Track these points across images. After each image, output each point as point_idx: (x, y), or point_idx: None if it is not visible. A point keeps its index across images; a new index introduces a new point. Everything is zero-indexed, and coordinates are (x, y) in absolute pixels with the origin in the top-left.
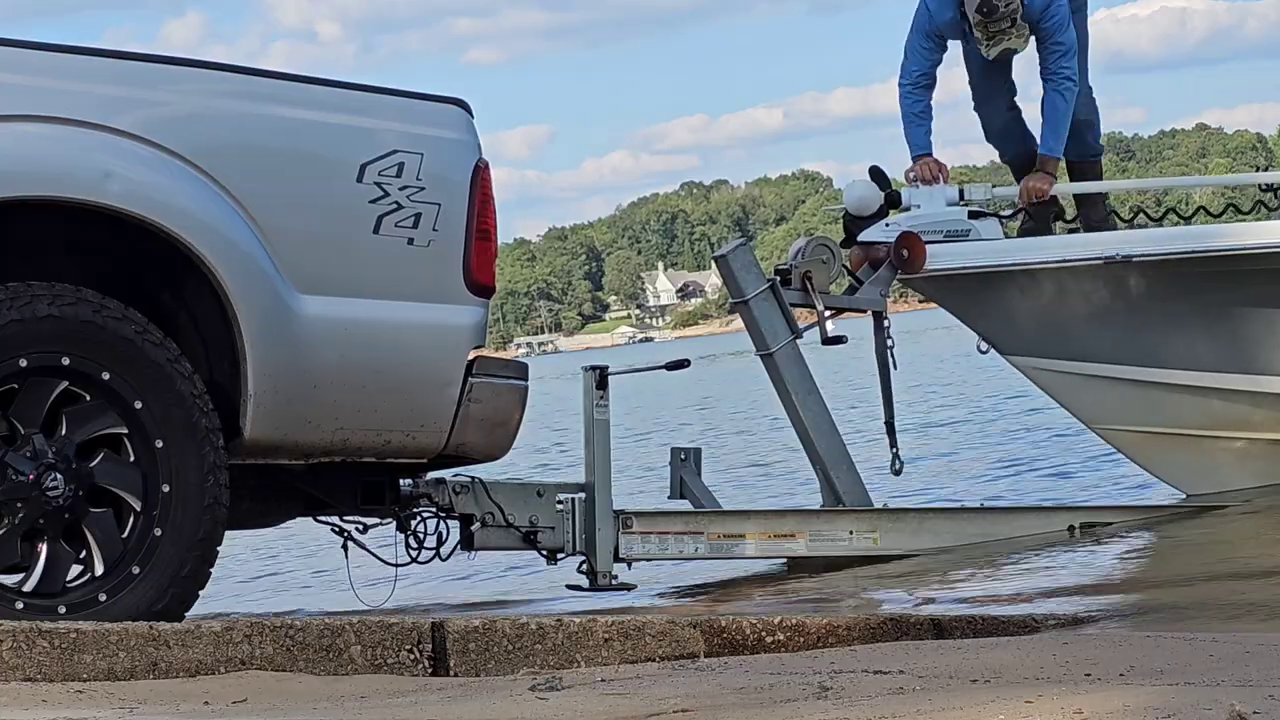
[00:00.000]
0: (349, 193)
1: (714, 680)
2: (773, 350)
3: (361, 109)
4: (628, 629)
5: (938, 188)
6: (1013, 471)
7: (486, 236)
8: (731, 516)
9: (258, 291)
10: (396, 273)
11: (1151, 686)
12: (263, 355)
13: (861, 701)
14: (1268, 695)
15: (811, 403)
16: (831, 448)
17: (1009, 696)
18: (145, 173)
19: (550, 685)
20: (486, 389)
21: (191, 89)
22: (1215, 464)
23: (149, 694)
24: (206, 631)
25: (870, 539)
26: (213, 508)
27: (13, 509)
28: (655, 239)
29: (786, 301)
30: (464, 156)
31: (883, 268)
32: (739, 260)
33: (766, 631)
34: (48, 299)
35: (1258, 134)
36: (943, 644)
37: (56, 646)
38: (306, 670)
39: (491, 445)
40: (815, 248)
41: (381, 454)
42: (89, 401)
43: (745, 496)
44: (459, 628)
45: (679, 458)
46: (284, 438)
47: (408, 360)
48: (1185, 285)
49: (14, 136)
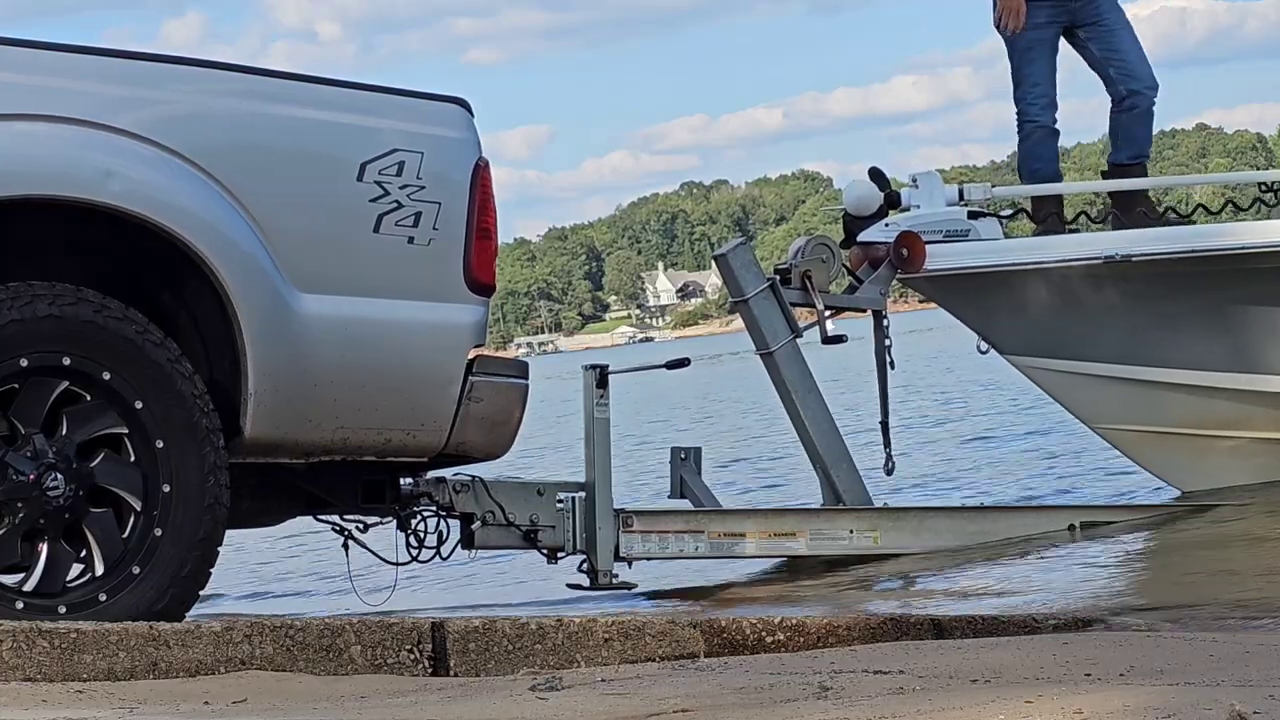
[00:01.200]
0: (349, 192)
1: (714, 680)
2: (773, 349)
3: (362, 108)
4: (628, 629)
5: (938, 189)
6: (1012, 470)
7: (487, 235)
8: (732, 515)
9: (258, 290)
10: (397, 271)
11: (1151, 686)
12: (263, 354)
13: (861, 701)
14: (1268, 695)
15: (811, 402)
16: (831, 447)
17: (1009, 696)
18: (146, 172)
19: (550, 685)
20: (487, 388)
21: (191, 88)
22: (1213, 463)
23: (149, 694)
24: (206, 631)
25: (870, 538)
26: (213, 508)
27: (13, 509)
28: (655, 239)
29: (786, 301)
30: (464, 155)
31: (882, 267)
32: (739, 259)
33: (766, 631)
34: (48, 299)
35: (1258, 134)
36: (943, 644)
37: (56, 646)
38: (306, 670)
39: (492, 444)
40: (815, 247)
41: (382, 453)
42: (89, 401)
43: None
44: (459, 628)
45: (679, 457)
46: (284, 436)
47: (408, 359)
48: (1184, 285)
49: (14, 135)
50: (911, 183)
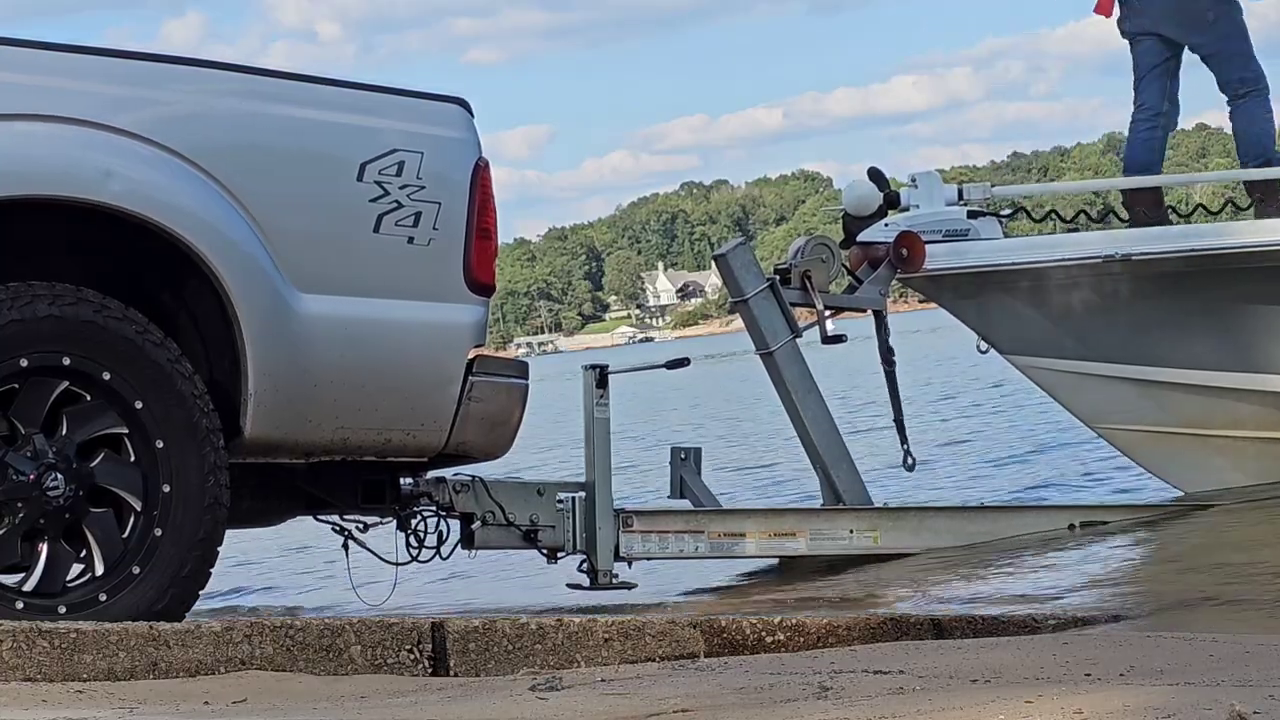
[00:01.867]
0: (349, 192)
1: (714, 680)
2: (772, 349)
3: (362, 108)
4: (628, 629)
5: (937, 189)
6: (1012, 469)
7: (487, 235)
8: (732, 515)
9: (258, 290)
10: (397, 271)
11: (1151, 686)
12: (263, 354)
13: (861, 701)
14: (1268, 695)
15: (811, 401)
16: (831, 446)
17: (1009, 696)
18: (145, 172)
19: (550, 685)
20: (487, 388)
21: (192, 88)
22: (1213, 462)
23: (149, 694)
24: (206, 631)
25: (870, 537)
26: (213, 508)
27: (13, 509)
28: (655, 239)
29: (786, 300)
30: (464, 155)
31: (882, 267)
32: (739, 259)
33: (766, 631)
34: (48, 299)
35: None
36: (943, 644)
37: (56, 646)
38: (306, 670)
39: (492, 444)
40: (815, 247)
41: (382, 453)
42: (89, 401)
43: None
44: (459, 628)
45: (679, 457)
46: (284, 436)
47: (408, 359)
48: (1184, 284)
49: (14, 135)
50: (911, 183)
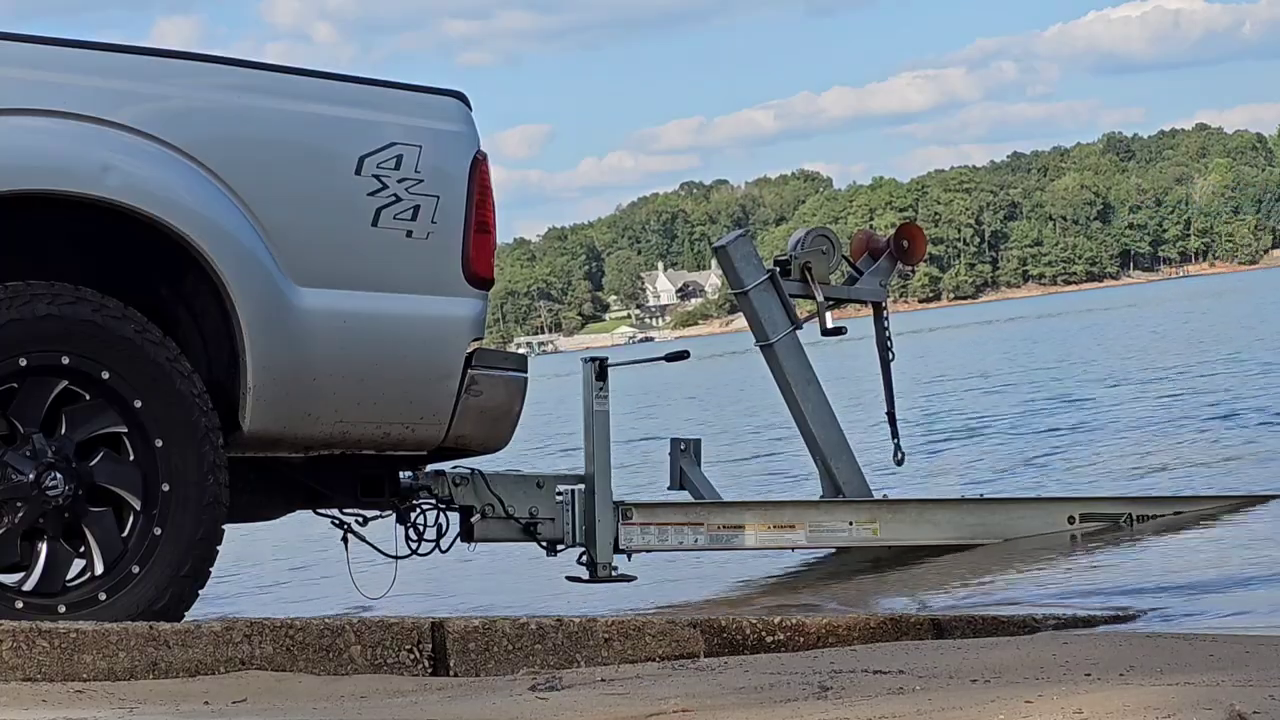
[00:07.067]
0: (347, 185)
1: (714, 680)
2: (772, 341)
3: (359, 102)
4: (628, 629)
5: None
6: (1011, 465)
7: (485, 229)
8: (731, 508)
9: (256, 285)
10: (395, 265)
11: (1151, 686)
12: (262, 348)
13: (861, 701)
14: (1268, 695)
15: (811, 393)
16: (831, 438)
17: (1009, 696)
18: (143, 166)
19: (550, 685)
20: (486, 381)
21: (189, 82)
22: None
23: (149, 694)
24: (206, 631)
25: (870, 530)
26: (212, 506)
27: (13, 508)
28: (655, 239)
29: (786, 292)
30: (462, 149)
31: (882, 258)
32: (739, 251)
33: (766, 631)
34: (47, 298)
35: (1257, 134)
36: (943, 644)
37: (56, 646)
38: (306, 670)
39: (491, 437)
40: (814, 239)
41: (381, 446)
42: (89, 401)
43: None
44: (459, 628)
45: (679, 449)
46: (283, 430)
47: (407, 353)
48: None
49: (11, 130)
50: None
